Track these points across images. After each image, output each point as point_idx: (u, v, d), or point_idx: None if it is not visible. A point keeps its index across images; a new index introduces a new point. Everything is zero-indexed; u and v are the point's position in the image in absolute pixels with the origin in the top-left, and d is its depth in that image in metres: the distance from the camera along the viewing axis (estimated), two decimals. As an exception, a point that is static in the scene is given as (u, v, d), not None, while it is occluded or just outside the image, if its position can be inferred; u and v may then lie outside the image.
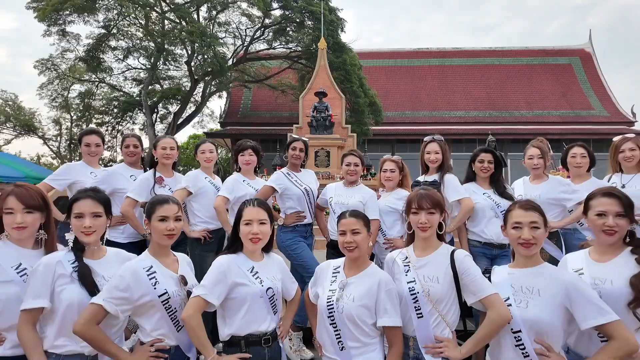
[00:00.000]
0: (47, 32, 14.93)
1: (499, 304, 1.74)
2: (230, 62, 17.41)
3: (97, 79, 20.29)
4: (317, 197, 3.44)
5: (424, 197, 1.99)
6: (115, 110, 21.53)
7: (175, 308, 1.84)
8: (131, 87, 20.40)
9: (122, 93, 20.86)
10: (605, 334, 1.62)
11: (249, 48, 18.53)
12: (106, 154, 24.95)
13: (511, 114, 22.98)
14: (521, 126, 22.24)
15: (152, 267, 1.85)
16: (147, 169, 3.23)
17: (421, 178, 3.24)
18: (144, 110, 19.33)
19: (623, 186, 3.11)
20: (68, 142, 25.13)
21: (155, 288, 1.81)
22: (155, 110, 20.84)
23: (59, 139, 24.81)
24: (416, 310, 1.88)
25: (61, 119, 24.27)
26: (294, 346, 3.01)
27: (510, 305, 1.75)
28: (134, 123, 22.50)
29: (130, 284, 1.76)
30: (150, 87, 19.31)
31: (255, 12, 17.44)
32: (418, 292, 1.89)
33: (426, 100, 23.58)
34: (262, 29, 17.52)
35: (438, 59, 25.09)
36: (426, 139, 3.34)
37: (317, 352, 2.10)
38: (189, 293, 1.90)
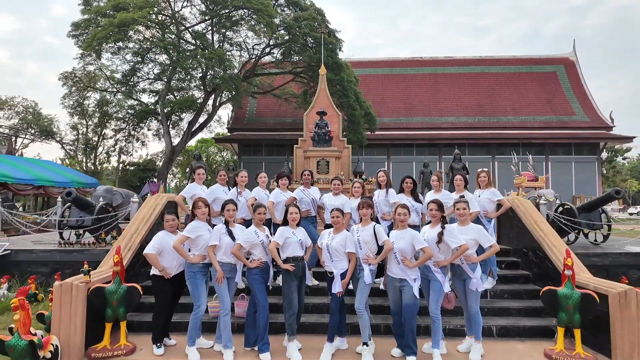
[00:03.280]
0: (81, 55, 18.12)
1: (388, 242, 4.88)
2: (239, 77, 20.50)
3: (115, 89, 23.49)
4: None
5: (364, 202, 5.14)
6: (132, 117, 24.72)
7: (266, 246, 4.99)
8: (148, 98, 23.56)
9: (138, 102, 24.05)
10: (422, 251, 4.75)
11: (257, 63, 21.68)
12: (123, 158, 28.30)
13: (499, 119, 26.03)
14: (508, 131, 25.31)
15: (257, 231, 5.02)
16: (231, 187, 6.38)
17: (376, 193, 6.38)
18: (159, 119, 22.52)
19: (479, 196, 6.28)
20: (84, 146, 28.36)
21: (258, 238, 4.96)
22: (169, 118, 24.04)
23: (76, 143, 28.00)
24: (360, 246, 5.02)
25: (78, 125, 27.47)
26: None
27: (393, 242, 4.88)
28: (148, 129, 25.70)
29: (249, 237, 4.92)
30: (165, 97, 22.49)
31: (262, 27, 20.54)
32: (360, 241, 5.03)
33: (419, 106, 26.67)
34: (269, 47, 20.64)
35: (431, 67, 28.15)
36: (379, 170, 6.50)
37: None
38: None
